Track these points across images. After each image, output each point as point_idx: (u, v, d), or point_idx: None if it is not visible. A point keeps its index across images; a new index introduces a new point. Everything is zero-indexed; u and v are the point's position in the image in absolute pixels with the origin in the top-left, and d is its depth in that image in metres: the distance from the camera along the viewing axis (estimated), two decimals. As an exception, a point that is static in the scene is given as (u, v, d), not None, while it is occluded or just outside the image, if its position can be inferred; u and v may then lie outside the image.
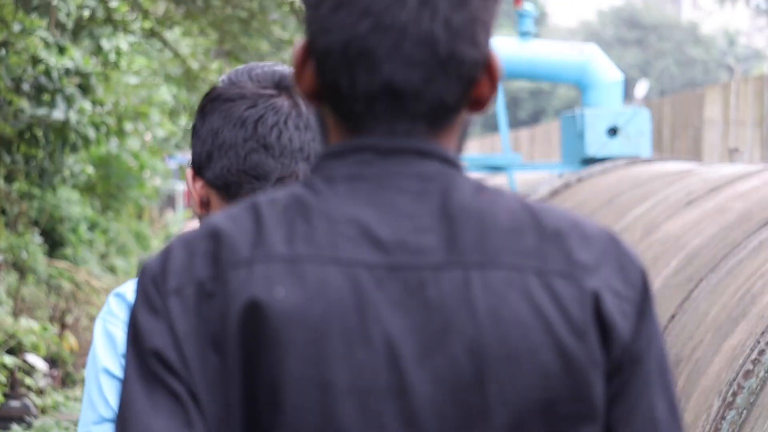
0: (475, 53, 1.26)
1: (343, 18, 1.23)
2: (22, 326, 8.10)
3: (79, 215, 11.39)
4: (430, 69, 1.24)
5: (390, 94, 1.24)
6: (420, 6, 1.22)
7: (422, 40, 1.22)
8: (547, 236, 1.30)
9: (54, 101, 7.79)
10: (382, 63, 1.23)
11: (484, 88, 1.29)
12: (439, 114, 1.27)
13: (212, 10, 7.91)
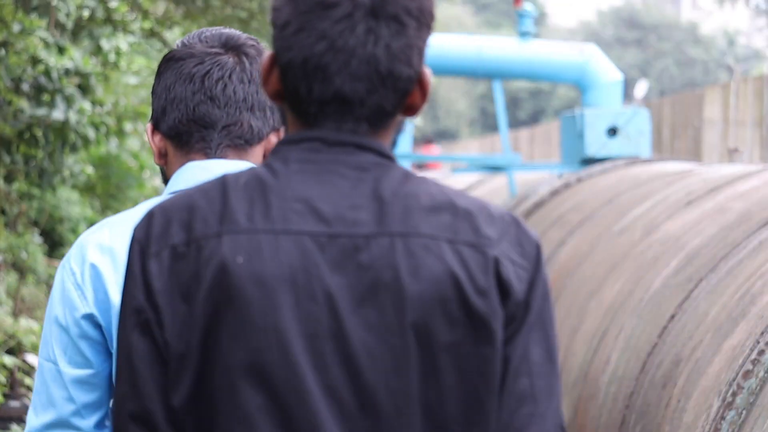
0: (410, 71, 1.62)
1: (303, 39, 1.59)
2: (22, 326, 8.10)
3: (78, 215, 11.39)
4: (372, 82, 1.60)
5: (339, 100, 1.60)
6: (366, 33, 1.58)
7: (367, 60, 1.58)
8: (460, 215, 1.61)
9: (54, 101, 7.79)
10: (333, 76, 1.59)
11: (416, 98, 1.65)
12: (379, 117, 1.63)
13: (212, 11, 7.91)
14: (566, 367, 6.03)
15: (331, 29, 1.58)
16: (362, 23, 1.58)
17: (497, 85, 10.82)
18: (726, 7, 39.08)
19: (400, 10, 1.60)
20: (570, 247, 7.30)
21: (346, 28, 1.58)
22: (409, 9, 1.60)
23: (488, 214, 1.63)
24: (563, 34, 44.40)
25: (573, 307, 6.40)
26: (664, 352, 4.62)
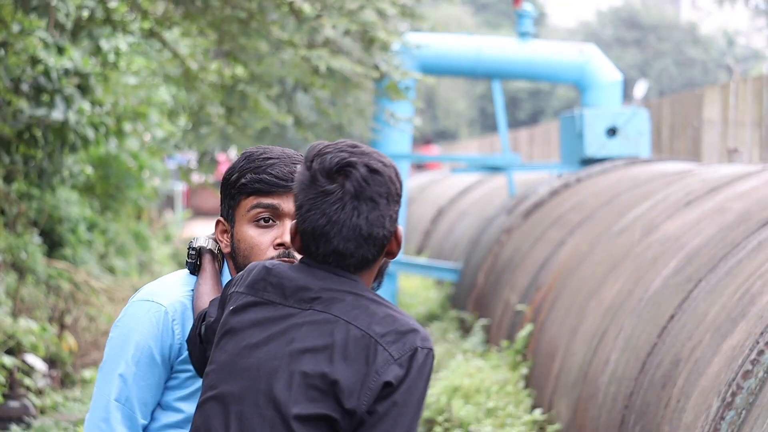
0: (384, 232, 2.47)
1: (312, 216, 2.47)
2: (22, 326, 8.10)
3: (78, 215, 11.39)
4: (358, 242, 2.46)
5: (337, 254, 2.48)
6: (352, 210, 2.44)
7: (353, 227, 2.45)
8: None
9: (53, 101, 7.79)
10: (332, 239, 2.46)
11: (392, 247, 2.51)
12: (363, 264, 2.49)
13: (211, 11, 7.90)
14: (566, 367, 6.03)
15: (328, 208, 2.45)
16: (349, 204, 2.44)
17: (497, 85, 10.83)
18: (725, 7, 39.08)
19: (374, 193, 2.45)
20: (569, 247, 7.30)
21: (338, 208, 2.44)
22: (380, 192, 2.46)
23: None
24: (563, 34, 44.41)
25: (572, 307, 6.39)
26: (663, 353, 4.61)
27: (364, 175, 2.46)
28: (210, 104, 9.37)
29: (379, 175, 2.47)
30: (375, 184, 2.46)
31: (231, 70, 8.94)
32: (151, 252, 14.86)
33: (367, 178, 2.46)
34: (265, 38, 8.00)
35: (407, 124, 9.55)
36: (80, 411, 8.53)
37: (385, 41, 7.88)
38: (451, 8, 38.81)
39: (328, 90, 8.40)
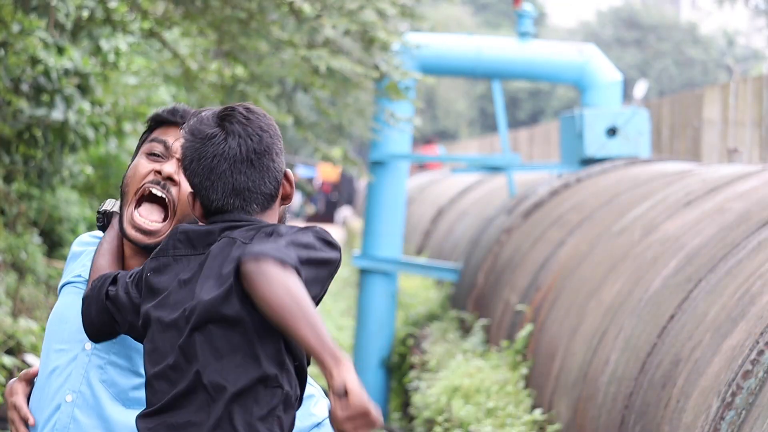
0: (275, 165, 2.59)
1: (203, 161, 2.55)
2: (21, 327, 8.09)
3: (78, 216, 11.38)
4: (252, 174, 2.56)
5: (235, 192, 2.56)
6: (238, 144, 2.55)
7: (244, 159, 2.55)
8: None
9: (53, 102, 7.79)
10: (228, 177, 2.55)
11: (286, 189, 2.62)
12: (263, 202, 2.58)
13: (211, 11, 7.89)
14: (566, 367, 6.03)
15: (216, 149, 2.55)
16: (234, 139, 2.58)
17: (496, 85, 10.83)
18: (725, 7, 39.08)
19: (258, 127, 2.57)
20: (569, 247, 7.30)
21: (225, 146, 2.55)
22: (263, 126, 2.57)
23: None
24: (562, 34, 44.40)
25: (572, 307, 6.40)
26: (663, 353, 4.61)
27: (243, 112, 2.58)
28: (210, 104, 9.37)
29: (254, 113, 2.59)
30: (255, 120, 2.57)
31: (231, 70, 8.94)
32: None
33: (245, 114, 2.57)
34: (265, 38, 8.00)
35: (407, 124, 9.56)
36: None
37: (385, 41, 7.88)
38: (451, 8, 38.81)
39: (328, 90, 8.40)
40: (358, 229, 19.90)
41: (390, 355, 10.67)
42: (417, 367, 9.11)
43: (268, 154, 2.58)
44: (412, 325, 10.64)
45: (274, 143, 2.60)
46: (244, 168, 2.55)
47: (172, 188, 2.73)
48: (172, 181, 2.73)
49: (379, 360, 10.66)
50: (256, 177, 2.56)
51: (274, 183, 2.59)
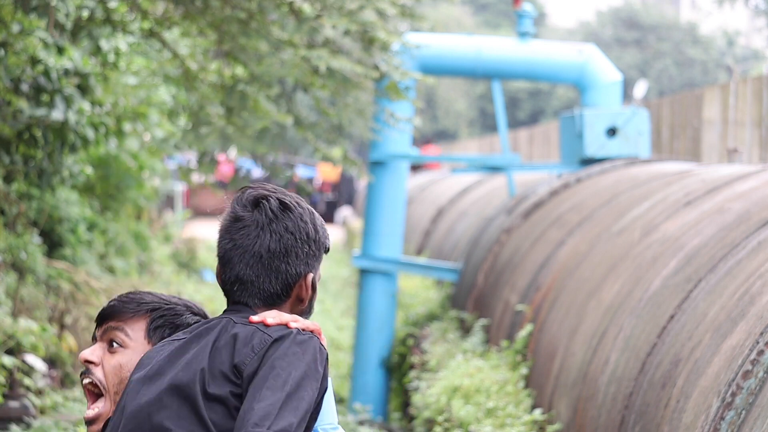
0: (289, 268, 2.63)
1: (223, 242, 2.66)
2: (21, 327, 8.09)
3: (78, 216, 11.38)
4: (257, 269, 2.64)
5: (239, 280, 2.65)
6: (255, 237, 2.61)
7: (254, 254, 2.62)
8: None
9: (53, 102, 7.79)
10: (235, 264, 2.64)
11: (301, 292, 2.66)
12: (268, 300, 2.65)
13: (211, 11, 7.89)
14: (566, 367, 6.03)
15: (236, 234, 2.67)
16: (254, 231, 2.63)
17: (496, 85, 10.82)
18: (725, 7, 39.06)
19: (282, 227, 2.62)
20: (569, 247, 7.30)
21: (244, 234, 2.65)
22: (288, 227, 2.62)
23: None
24: (562, 34, 44.39)
25: (572, 307, 6.39)
26: (663, 353, 4.61)
27: (274, 207, 2.63)
28: (210, 104, 9.37)
29: (290, 211, 2.64)
30: (284, 218, 2.62)
31: (231, 70, 8.94)
32: (151, 252, 14.86)
33: (276, 210, 2.62)
34: (265, 38, 8.00)
35: (407, 124, 9.56)
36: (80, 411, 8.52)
37: (385, 41, 7.88)
38: (451, 8, 38.80)
39: (328, 90, 8.40)
40: (358, 229, 19.89)
41: (390, 355, 10.67)
42: (417, 367, 9.11)
43: (284, 256, 2.62)
44: (412, 325, 10.64)
45: (296, 246, 2.63)
46: (252, 262, 2.62)
47: (94, 369, 2.81)
48: (92, 363, 2.82)
49: (379, 360, 10.66)
50: (262, 274, 2.63)
51: (282, 285, 2.64)
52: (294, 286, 2.66)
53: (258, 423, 2.48)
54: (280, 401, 2.55)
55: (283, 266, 2.63)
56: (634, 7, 43.27)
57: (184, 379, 2.57)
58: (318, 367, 2.62)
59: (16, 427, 7.68)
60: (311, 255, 2.67)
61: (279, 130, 10.19)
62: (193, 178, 13.17)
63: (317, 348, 2.64)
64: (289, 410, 2.53)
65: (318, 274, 2.76)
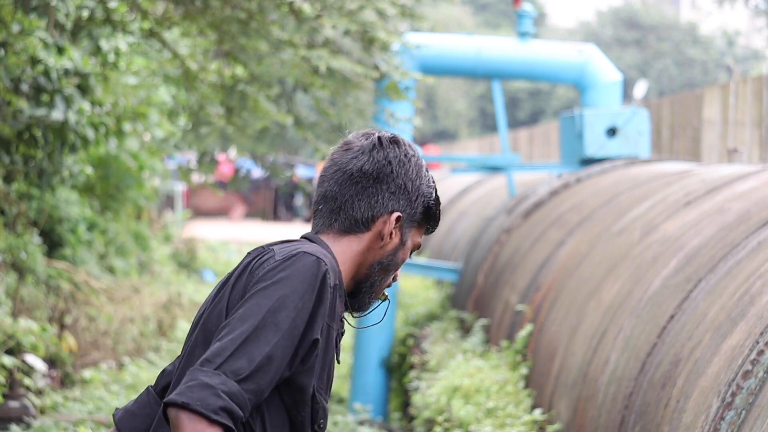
0: (371, 199, 2.55)
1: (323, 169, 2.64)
2: (21, 327, 8.09)
3: (77, 216, 11.38)
4: (342, 184, 2.59)
5: (324, 197, 2.61)
6: (351, 157, 2.61)
7: (342, 169, 2.60)
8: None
9: (53, 102, 7.79)
10: (326, 180, 2.65)
11: (382, 227, 2.58)
12: (347, 222, 2.58)
13: (211, 11, 7.89)
14: (566, 367, 6.03)
15: (336, 154, 2.66)
16: (353, 153, 2.61)
17: (496, 85, 10.82)
18: (725, 7, 39.06)
19: (381, 159, 2.57)
20: (569, 247, 7.30)
21: (343, 152, 2.63)
22: (384, 162, 2.56)
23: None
24: (562, 34, 44.39)
25: (572, 307, 6.40)
26: (663, 353, 4.61)
27: (384, 137, 2.58)
28: (210, 104, 9.37)
29: (397, 145, 2.57)
30: (388, 149, 2.56)
31: (231, 70, 8.94)
32: (151, 252, 14.86)
33: (384, 140, 2.57)
34: (265, 38, 8.00)
35: (407, 124, 9.56)
36: (80, 411, 8.53)
37: (385, 41, 7.88)
38: (451, 8, 38.81)
39: (328, 90, 8.40)
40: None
41: (390, 355, 10.67)
42: (417, 367, 9.11)
43: (375, 181, 2.55)
44: (412, 325, 10.64)
45: (390, 177, 2.55)
46: (342, 179, 2.55)
47: None
48: None
49: (379, 360, 10.65)
50: (348, 193, 2.55)
51: (368, 213, 2.55)
52: (377, 219, 2.56)
53: (207, 359, 2.34)
54: (243, 336, 2.37)
55: (371, 191, 2.55)
56: (634, 7, 43.27)
57: (208, 324, 2.49)
58: (307, 296, 2.43)
59: (16, 427, 7.68)
60: (404, 196, 2.57)
61: (279, 130, 10.19)
62: (193, 178, 13.18)
63: (314, 273, 2.44)
64: (251, 348, 2.36)
65: (413, 239, 2.63)
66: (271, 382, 2.39)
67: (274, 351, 2.38)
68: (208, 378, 2.32)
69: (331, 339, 2.51)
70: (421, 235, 2.66)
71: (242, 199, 36.48)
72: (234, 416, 2.32)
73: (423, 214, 2.62)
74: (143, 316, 11.08)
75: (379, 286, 2.63)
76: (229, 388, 2.33)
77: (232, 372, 2.34)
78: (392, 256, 2.61)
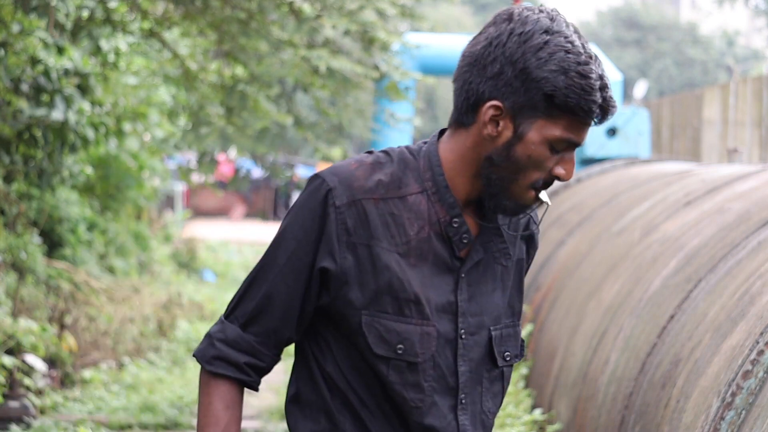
0: (480, 79, 2.24)
1: None
2: (21, 327, 8.09)
3: (78, 216, 11.38)
4: (462, 67, 2.41)
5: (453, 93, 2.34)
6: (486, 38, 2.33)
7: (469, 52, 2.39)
8: None
9: (53, 102, 7.79)
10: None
11: (484, 117, 2.22)
12: (456, 113, 2.30)
13: (211, 11, 7.90)
14: (566, 367, 6.03)
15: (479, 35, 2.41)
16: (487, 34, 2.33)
17: (496, 85, 10.81)
18: (725, 7, 39.08)
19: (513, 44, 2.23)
20: (569, 248, 7.30)
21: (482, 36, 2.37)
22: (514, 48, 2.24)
23: None
24: (562, 34, 44.30)
25: (572, 307, 6.40)
26: (663, 353, 4.62)
27: (499, 17, 2.27)
28: (210, 104, 9.38)
29: (503, 25, 2.24)
30: (490, 32, 2.25)
31: (231, 70, 8.94)
32: (151, 252, 14.86)
33: (498, 20, 2.26)
34: (265, 38, 8.01)
35: (407, 125, 9.56)
36: (80, 411, 8.53)
37: (385, 41, 7.88)
38: (451, 8, 38.81)
39: (328, 90, 8.41)
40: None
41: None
42: (417, 367, 9.11)
43: (473, 66, 2.26)
44: (412, 325, 10.64)
45: (489, 61, 2.21)
46: (461, 64, 2.32)
47: None
48: None
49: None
50: (458, 81, 2.29)
51: (466, 102, 2.25)
52: (479, 108, 2.22)
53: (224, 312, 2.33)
54: (247, 281, 2.32)
55: (467, 75, 2.27)
56: (634, 7, 43.27)
57: None
58: (307, 224, 2.25)
59: (16, 427, 7.68)
60: (502, 80, 2.20)
61: (279, 130, 10.20)
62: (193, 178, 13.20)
63: (315, 196, 2.25)
64: (252, 291, 2.29)
65: (544, 132, 2.20)
66: (285, 320, 2.28)
67: (272, 288, 2.27)
68: (213, 328, 2.30)
69: (376, 257, 2.25)
70: (564, 128, 2.21)
71: (242, 199, 36.49)
72: (231, 363, 2.27)
73: (547, 102, 2.19)
74: (143, 316, 11.08)
75: (502, 186, 2.26)
76: (226, 335, 2.28)
77: (235, 318, 2.29)
78: (504, 151, 2.23)
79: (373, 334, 2.25)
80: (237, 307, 2.30)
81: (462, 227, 2.29)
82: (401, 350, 2.25)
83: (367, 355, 2.26)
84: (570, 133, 2.21)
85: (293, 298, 2.27)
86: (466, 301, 2.31)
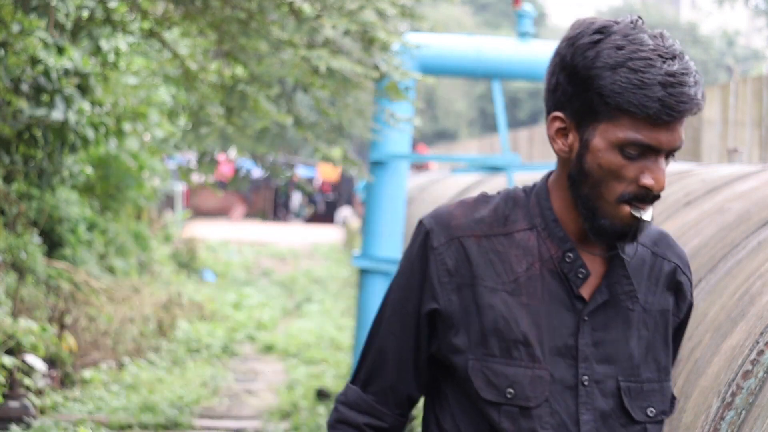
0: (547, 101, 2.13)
1: None
2: (21, 327, 8.09)
3: (78, 216, 11.38)
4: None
5: None
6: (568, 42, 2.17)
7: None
8: None
9: (53, 102, 7.79)
10: None
11: (554, 123, 2.12)
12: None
13: (211, 11, 7.89)
14: (565, 367, 6.03)
15: None
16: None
17: (496, 85, 10.82)
18: (725, 7, 39.08)
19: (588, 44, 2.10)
20: (569, 248, 7.30)
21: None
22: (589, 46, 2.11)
23: None
24: (562, 34, 44.35)
25: (572, 307, 6.40)
26: (663, 353, 4.62)
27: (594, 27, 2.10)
28: (210, 104, 9.38)
29: (565, 40, 2.11)
30: (572, 38, 2.10)
31: (231, 70, 8.94)
32: (151, 252, 14.87)
33: (578, 25, 2.12)
34: (265, 38, 8.00)
35: (407, 125, 9.56)
36: (80, 411, 8.53)
37: (385, 41, 7.88)
38: (451, 8, 38.82)
39: (328, 90, 8.40)
40: (358, 229, 19.90)
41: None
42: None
43: (546, 83, 2.12)
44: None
45: (549, 75, 2.11)
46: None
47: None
48: None
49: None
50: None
51: (549, 124, 2.12)
52: (551, 132, 2.12)
53: None
54: (367, 341, 2.26)
55: (545, 97, 2.13)
56: (634, 7, 43.28)
57: None
58: (414, 267, 2.14)
59: (16, 427, 7.68)
60: (559, 89, 2.08)
61: (279, 130, 10.19)
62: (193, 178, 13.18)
63: (416, 241, 2.15)
64: (367, 349, 2.23)
65: (608, 136, 2.04)
66: (400, 375, 2.19)
67: (383, 342, 2.18)
68: (339, 393, 2.26)
69: (480, 297, 2.11)
70: (628, 128, 2.04)
71: (242, 199, 36.50)
72: (351, 424, 2.21)
73: (603, 103, 2.03)
74: (143, 316, 11.08)
75: (590, 205, 2.09)
76: (347, 397, 2.23)
77: (357, 379, 2.24)
78: (578, 165, 2.08)
79: (480, 378, 2.13)
80: (359, 368, 2.24)
81: (576, 261, 2.14)
82: (510, 395, 2.12)
83: (479, 404, 2.14)
84: (637, 134, 2.03)
85: (403, 350, 2.18)
86: (590, 345, 2.15)
